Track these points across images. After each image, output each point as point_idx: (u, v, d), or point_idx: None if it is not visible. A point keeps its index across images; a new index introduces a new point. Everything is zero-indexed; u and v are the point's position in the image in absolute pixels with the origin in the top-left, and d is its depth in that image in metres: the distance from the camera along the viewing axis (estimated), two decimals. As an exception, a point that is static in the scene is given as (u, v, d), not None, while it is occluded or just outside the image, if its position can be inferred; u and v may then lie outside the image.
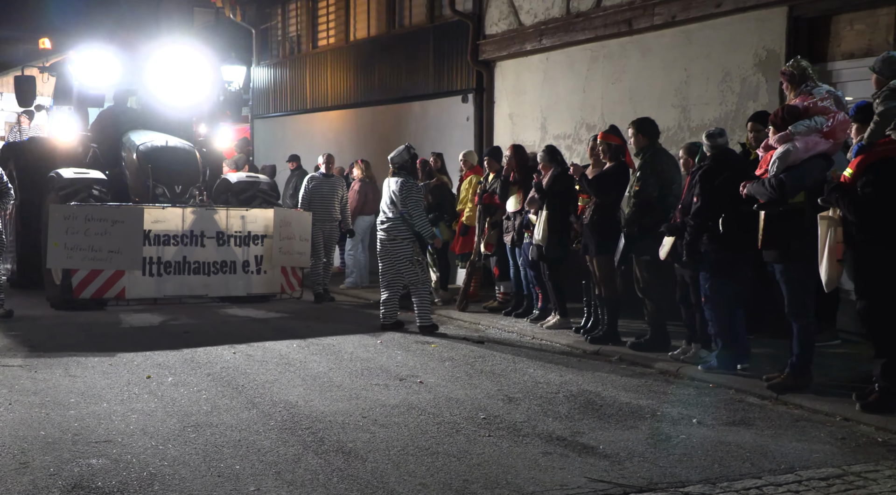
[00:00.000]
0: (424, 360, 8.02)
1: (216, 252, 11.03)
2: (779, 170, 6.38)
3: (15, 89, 12.46)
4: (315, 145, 17.31)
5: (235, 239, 11.18)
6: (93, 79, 12.06)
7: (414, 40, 15.31)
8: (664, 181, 7.96)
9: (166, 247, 10.77)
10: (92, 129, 12.43)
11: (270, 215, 11.35)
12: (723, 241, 7.00)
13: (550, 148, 9.70)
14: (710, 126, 9.50)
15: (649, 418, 6.10)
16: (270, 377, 7.24)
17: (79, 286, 10.25)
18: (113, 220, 10.15)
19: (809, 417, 6.12)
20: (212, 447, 5.28)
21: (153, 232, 10.62)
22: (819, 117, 6.41)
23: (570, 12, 11.85)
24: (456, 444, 5.41)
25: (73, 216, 10.05)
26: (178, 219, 10.86)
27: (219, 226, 11.06)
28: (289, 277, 11.56)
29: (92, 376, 7.15)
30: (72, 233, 9.99)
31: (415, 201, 9.35)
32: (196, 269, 10.93)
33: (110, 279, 10.39)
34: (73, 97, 12.34)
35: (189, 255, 10.88)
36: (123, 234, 10.18)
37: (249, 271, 11.26)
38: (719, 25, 9.87)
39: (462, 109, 14.11)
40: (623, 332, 8.65)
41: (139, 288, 10.64)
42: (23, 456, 5.05)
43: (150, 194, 11.28)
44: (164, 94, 12.59)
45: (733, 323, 7.15)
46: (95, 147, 12.11)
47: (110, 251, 10.13)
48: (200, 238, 10.94)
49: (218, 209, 11.22)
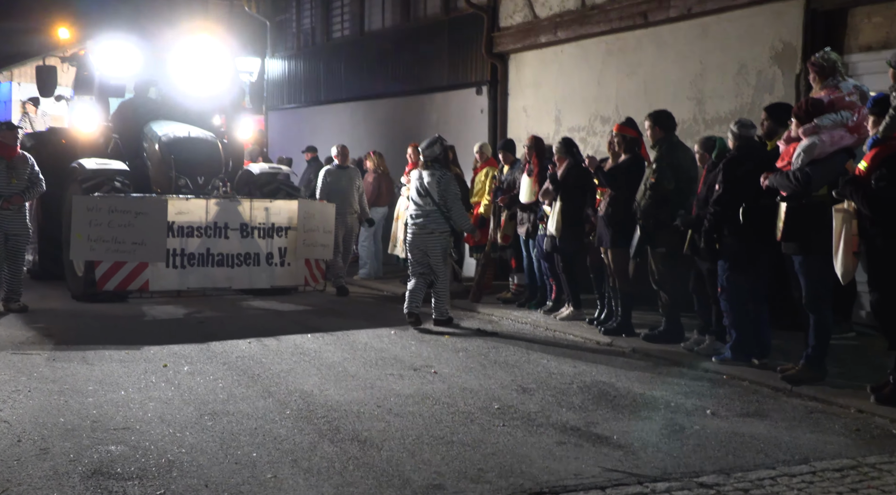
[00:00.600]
0: (438, 351, 8.05)
1: (240, 244, 10.92)
2: (803, 163, 6.37)
3: (36, 79, 12.31)
4: (329, 137, 17.35)
5: (259, 231, 11.05)
6: (114, 69, 11.97)
7: (428, 32, 15.31)
8: (680, 174, 7.95)
9: (190, 239, 10.64)
10: (113, 120, 12.33)
11: (294, 207, 11.20)
12: (742, 233, 6.99)
13: (567, 140, 9.71)
14: (726, 119, 9.51)
15: (663, 409, 6.11)
16: (286, 366, 7.29)
17: (102, 278, 10.14)
18: (137, 212, 10.02)
19: (824, 409, 6.12)
20: (228, 435, 5.33)
21: (177, 223, 10.51)
22: (845, 112, 6.41)
23: (585, 5, 11.83)
24: (470, 434, 5.45)
25: (97, 207, 9.91)
26: (202, 210, 10.74)
27: (242, 218, 10.93)
28: (312, 270, 11.44)
29: (109, 365, 7.22)
30: (95, 225, 9.86)
31: (454, 195, 9.23)
32: (220, 261, 10.81)
33: (134, 271, 10.29)
34: (94, 87, 12.20)
35: (213, 247, 10.76)
36: (147, 226, 10.03)
37: (273, 263, 11.14)
38: (735, 18, 9.84)
39: (476, 102, 14.11)
40: (636, 324, 8.66)
41: (163, 280, 10.53)
42: (43, 443, 5.11)
43: (173, 185, 11.15)
44: (185, 84, 12.50)
45: (751, 315, 7.14)
46: (117, 137, 12.01)
47: (134, 243, 9.99)
48: (224, 230, 10.82)
49: (242, 201, 11.04)
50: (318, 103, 18.68)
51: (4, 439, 5.15)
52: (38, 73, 12.28)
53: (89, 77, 12.27)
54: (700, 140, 8.00)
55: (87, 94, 12.31)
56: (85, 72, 12.40)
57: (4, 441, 5.12)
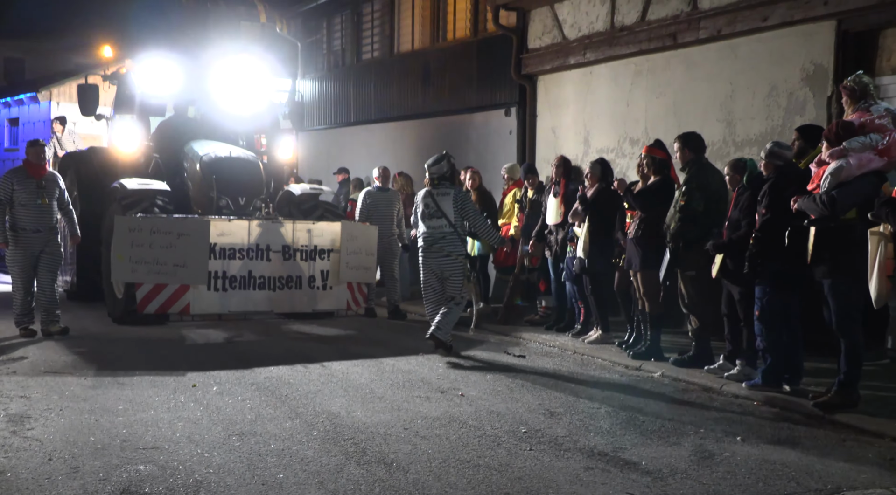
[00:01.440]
0: (465, 373, 8.03)
1: (282, 266, 10.65)
2: (830, 187, 6.32)
3: (78, 97, 12.23)
4: (358, 158, 17.47)
5: (301, 253, 10.78)
6: (155, 87, 11.85)
7: (458, 54, 15.39)
8: (710, 196, 7.91)
9: (231, 261, 10.38)
10: (153, 140, 12.21)
11: (337, 229, 10.96)
12: (785, 256, 6.91)
13: (603, 161, 9.69)
14: (756, 140, 9.46)
15: (692, 435, 6.05)
16: (313, 387, 7.31)
17: (143, 301, 9.92)
18: (179, 233, 9.79)
19: (857, 437, 6.03)
20: (256, 455, 5.35)
21: (219, 245, 10.25)
22: (875, 135, 6.35)
23: (614, 26, 11.84)
24: (497, 457, 5.42)
25: (139, 228, 9.72)
26: (244, 232, 10.48)
27: (285, 240, 10.67)
28: (354, 293, 11.17)
29: (140, 384, 7.28)
30: (136, 246, 9.65)
31: (475, 211, 9.08)
32: (261, 284, 10.54)
33: (175, 294, 10.04)
34: (135, 106, 12.08)
35: (254, 270, 10.50)
36: (189, 248, 9.80)
37: (315, 287, 10.86)
38: (766, 39, 9.79)
39: (505, 123, 14.14)
40: (665, 348, 8.59)
41: (204, 303, 10.25)
42: (73, 461, 5.16)
43: (214, 206, 10.99)
44: (225, 103, 12.39)
45: (784, 340, 7.05)
46: (157, 157, 11.88)
47: (175, 265, 9.75)
48: (266, 252, 10.56)
49: (284, 222, 10.80)
50: (347, 124, 18.82)
51: (35, 457, 5.21)
52: (79, 92, 12.19)
53: (130, 95, 12.17)
54: (730, 162, 7.94)
55: (128, 113, 12.20)
56: (126, 90, 12.33)
57: (35, 459, 5.18)
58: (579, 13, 12.47)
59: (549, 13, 13.00)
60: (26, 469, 5.01)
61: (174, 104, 12.68)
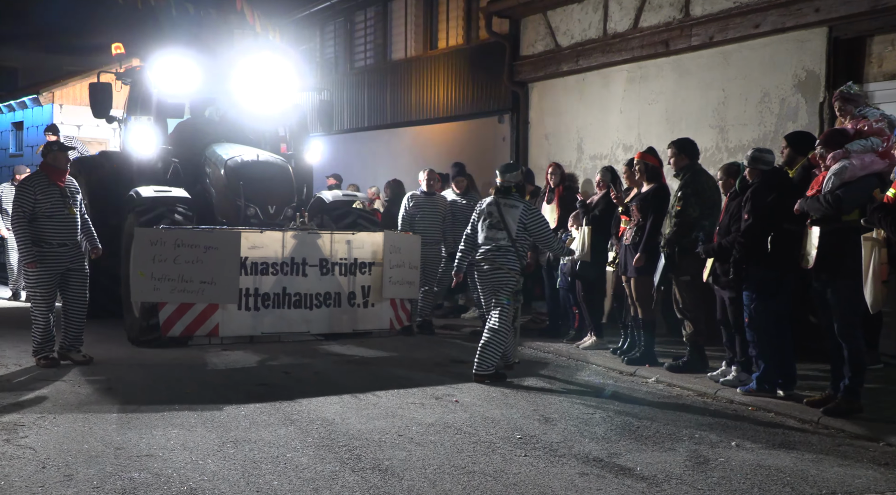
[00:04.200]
0: (460, 379, 8.02)
1: (319, 282, 9.70)
2: (834, 186, 6.35)
3: (90, 98, 10.97)
4: (351, 165, 17.49)
5: (340, 267, 9.82)
6: (173, 86, 10.66)
7: (450, 61, 15.43)
8: (705, 202, 7.94)
9: (264, 277, 9.41)
10: (170, 143, 11.12)
11: (379, 240, 10.00)
12: (769, 261, 6.95)
13: (613, 169, 9.70)
14: (749, 147, 9.49)
15: (687, 440, 6.05)
16: (308, 394, 7.29)
17: (166, 323, 8.93)
18: (206, 246, 8.83)
19: (851, 442, 6.04)
20: (250, 462, 5.33)
21: (250, 259, 9.28)
22: (875, 138, 6.42)
23: (607, 33, 11.89)
24: (492, 464, 5.41)
25: (161, 241, 8.74)
26: (278, 244, 9.48)
27: (322, 253, 9.69)
28: (398, 310, 10.30)
29: (132, 391, 7.25)
30: (159, 261, 8.69)
31: (546, 225, 8.20)
32: (297, 302, 9.61)
33: (202, 314, 9.09)
34: (151, 106, 10.94)
35: (289, 286, 9.56)
36: (218, 262, 8.86)
37: (355, 304, 9.93)
38: (758, 46, 9.85)
39: (498, 130, 14.18)
40: (660, 353, 8.60)
41: (234, 324, 9.29)
42: (67, 469, 5.13)
43: (241, 215, 9.91)
44: (247, 102, 11.40)
45: (776, 345, 7.08)
46: (177, 162, 10.79)
47: (202, 282, 8.82)
48: (302, 266, 9.61)
49: (321, 233, 9.79)
50: (340, 132, 18.84)
51: (29, 465, 5.18)
52: (91, 91, 10.93)
53: (146, 95, 11.07)
54: (723, 166, 7.98)
55: (144, 114, 11.11)
56: (141, 89, 11.23)
57: (29, 467, 5.15)
58: (572, 20, 12.52)
59: (542, 20, 13.05)
60: (20, 477, 4.98)
61: (191, 105, 11.73)
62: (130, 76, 11.66)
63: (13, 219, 8.10)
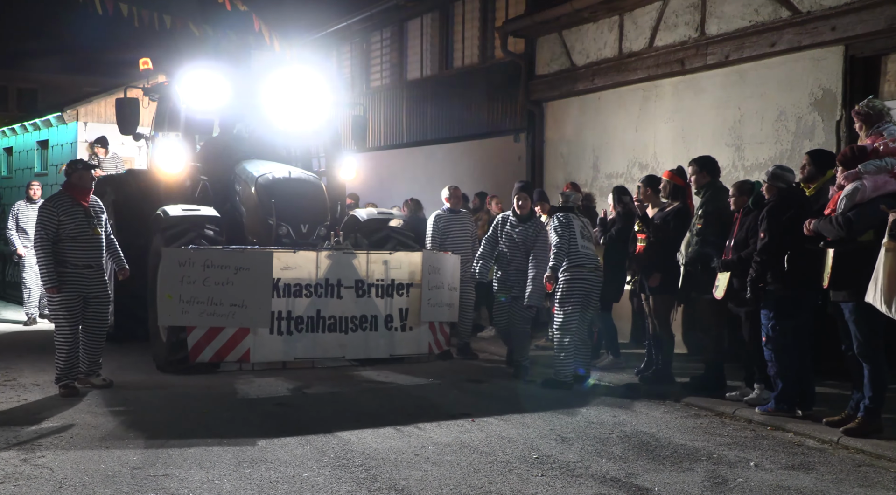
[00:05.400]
0: (476, 399, 8.00)
1: (354, 305, 9.32)
2: (846, 209, 6.32)
3: (117, 114, 10.65)
4: (367, 184, 17.53)
5: (377, 288, 9.43)
6: (202, 102, 10.36)
7: (466, 80, 15.50)
8: (725, 219, 7.91)
9: (297, 300, 9.03)
10: (199, 160, 10.81)
11: (417, 260, 9.62)
12: (786, 280, 6.92)
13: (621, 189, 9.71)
14: (765, 165, 9.46)
15: (705, 460, 6.00)
16: (324, 413, 7.29)
17: (195, 348, 8.57)
18: (237, 267, 8.52)
19: (872, 462, 5.97)
20: (266, 482, 5.33)
21: (282, 281, 8.93)
22: (890, 158, 6.37)
23: (622, 52, 11.92)
24: (509, 484, 5.39)
25: (190, 262, 8.43)
26: (312, 265, 9.11)
27: (358, 274, 9.32)
28: (437, 334, 9.87)
29: (149, 411, 7.27)
30: (188, 283, 8.39)
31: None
32: (331, 326, 9.21)
33: (233, 339, 8.71)
34: (179, 123, 10.65)
35: (323, 309, 9.17)
36: (249, 284, 8.55)
37: (392, 328, 9.52)
38: (774, 65, 9.83)
39: (514, 149, 14.21)
40: (676, 372, 8.55)
41: (266, 349, 8.90)
42: (84, 489, 5.15)
43: (273, 235, 9.58)
44: (278, 118, 11.09)
45: (795, 364, 7.02)
46: (205, 179, 10.51)
47: (233, 305, 8.51)
48: (337, 288, 9.22)
49: (357, 253, 9.42)
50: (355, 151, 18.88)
51: (46, 485, 5.20)
52: (118, 107, 10.62)
53: (174, 111, 10.79)
54: (736, 184, 7.93)
55: (172, 131, 10.82)
56: (169, 105, 10.96)
57: (46, 487, 5.17)
58: (587, 40, 12.56)
59: (558, 40, 13.09)
60: (37, 496, 5.00)
61: (220, 121, 11.44)
62: (158, 92, 11.45)
63: (36, 240, 7.92)
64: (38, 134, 22.68)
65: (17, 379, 8.55)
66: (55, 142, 21.76)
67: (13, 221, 13.41)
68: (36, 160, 22.97)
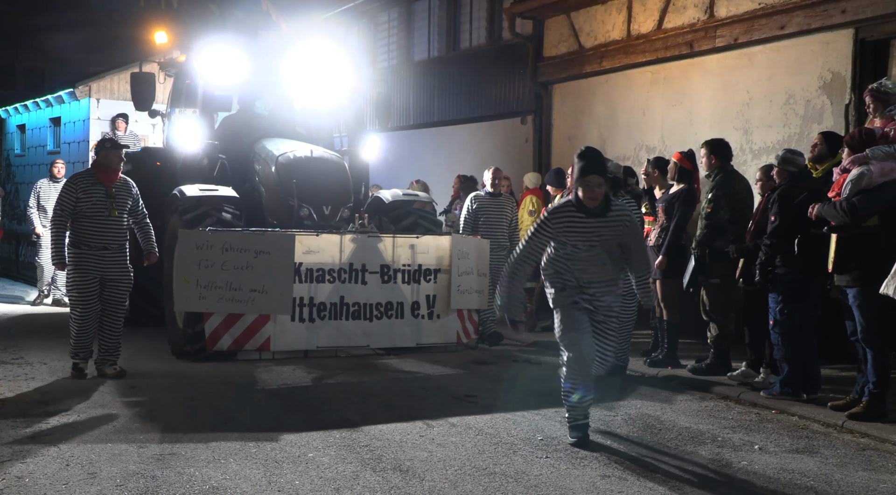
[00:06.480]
0: (481, 380, 8.02)
1: (380, 291, 8.91)
2: (851, 194, 6.29)
3: (132, 89, 10.26)
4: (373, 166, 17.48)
5: (404, 274, 9.02)
6: (221, 76, 9.91)
7: (474, 62, 15.43)
8: (736, 204, 7.88)
9: (320, 285, 8.63)
10: (217, 138, 10.35)
11: (446, 244, 9.20)
12: (796, 264, 6.90)
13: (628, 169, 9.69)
14: (773, 149, 9.42)
15: (710, 443, 6.02)
16: (330, 394, 7.31)
17: (212, 335, 8.21)
18: (257, 251, 8.16)
19: (876, 446, 5.98)
20: (272, 462, 5.36)
21: (305, 265, 8.55)
22: None
23: (630, 35, 11.85)
24: (513, 465, 5.41)
25: (208, 244, 8.07)
26: (335, 248, 8.71)
27: (384, 259, 8.92)
28: (465, 322, 9.46)
29: (154, 392, 7.31)
30: (205, 267, 8.03)
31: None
32: (355, 313, 8.82)
33: (252, 326, 8.34)
34: (197, 99, 10.28)
35: (347, 295, 8.77)
36: (270, 269, 8.19)
37: (419, 315, 9.11)
38: (783, 48, 9.77)
39: (521, 131, 14.16)
40: (682, 356, 8.55)
41: (287, 337, 8.53)
42: (91, 467, 5.18)
43: (294, 216, 9.20)
44: (299, 95, 10.74)
45: (802, 348, 7.02)
46: (224, 158, 10.08)
47: (253, 290, 8.15)
48: (361, 273, 8.82)
49: (382, 237, 9.02)
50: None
51: (53, 463, 5.24)
52: (133, 82, 10.22)
53: (192, 87, 10.43)
54: (763, 167, 7.85)
55: (190, 107, 10.44)
56: (186, 81, 10.60)
57: (53, 465, 5.20)
58: (595, 22, 12.49)
59: (566, 22, 13.02)
60: (44, 474, 5.03)
61: (239, 98, 10.94)
62: (175, 67, 10.93)
63: (53, 216, 7.82)
64: (51, 110, 22.11)
65: (25, 358, 8.61)
66: (68, 119, 21.22)
67: (34, 199, 13.29)
68: (49, 137, 22.58)
